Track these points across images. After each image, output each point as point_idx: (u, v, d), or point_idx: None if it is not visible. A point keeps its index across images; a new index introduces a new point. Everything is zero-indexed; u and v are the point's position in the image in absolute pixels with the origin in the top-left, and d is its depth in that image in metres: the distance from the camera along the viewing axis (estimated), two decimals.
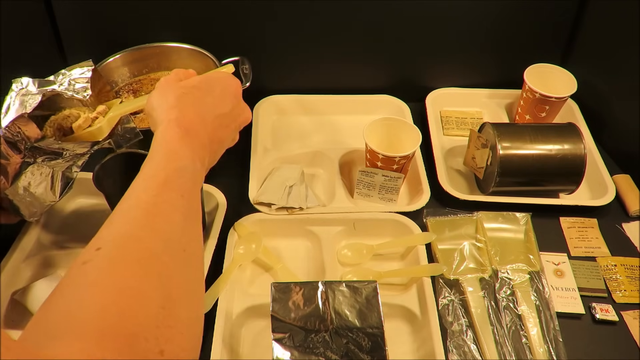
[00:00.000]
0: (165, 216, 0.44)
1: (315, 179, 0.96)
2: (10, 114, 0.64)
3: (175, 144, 0.51)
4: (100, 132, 0.68)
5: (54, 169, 0.69)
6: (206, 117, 0.56)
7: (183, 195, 0.47)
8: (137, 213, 0.44)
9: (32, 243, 0.82)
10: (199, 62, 0.96)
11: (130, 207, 0.45)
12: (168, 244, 0.42)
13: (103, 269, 0.38)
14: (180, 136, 0.51)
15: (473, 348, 0.72)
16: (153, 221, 0.43)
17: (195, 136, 0.53)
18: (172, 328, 0.37)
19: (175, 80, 0.59)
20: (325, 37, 1.04)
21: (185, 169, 0.49)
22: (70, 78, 0.71)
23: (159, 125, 0.53)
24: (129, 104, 0.70)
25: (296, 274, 0.81)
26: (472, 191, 0.94)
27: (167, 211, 0.45)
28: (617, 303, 0.78)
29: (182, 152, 0.50)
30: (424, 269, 0.79)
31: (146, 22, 1.01)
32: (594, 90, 1.03)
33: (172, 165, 0.49)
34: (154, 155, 0.50)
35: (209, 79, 0.60)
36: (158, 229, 0.43)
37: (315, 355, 0.61)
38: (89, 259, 0.39)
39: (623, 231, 0.88)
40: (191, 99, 0.56)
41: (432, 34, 1.04)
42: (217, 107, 0.57)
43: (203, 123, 0.55)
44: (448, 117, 1.07)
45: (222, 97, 0.58)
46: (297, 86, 1.08)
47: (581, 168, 0.87)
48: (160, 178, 0.47)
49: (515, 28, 1.05)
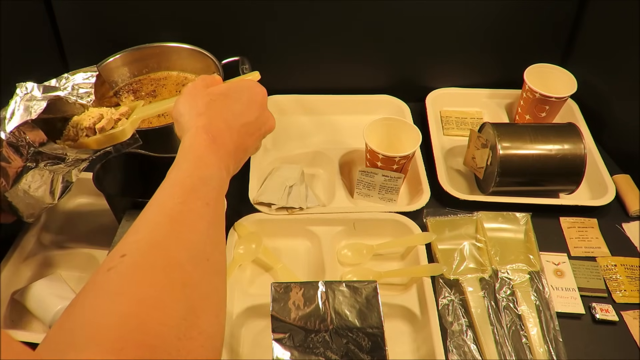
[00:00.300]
0: (190, 225, 0.44)
1: (315, 179, 0.96)
2: (15, 119, 0.64)
3: (202, 151, 0.51)
4: (122, 135, 0.68)
5: (54, 173, 0.70)
6: (233, 125, 0.56)
7: (208, 204, 0.47)
8: (162, 220, 0.44)
9: (32, 243, 0.82)
10: (199, 62, 0.96)
11: (155, 214, 0.45)
12: (192, 253, 0.42)
13: (127, 277, 0.38)
14: (207, 144, 0.52)
15: (473, 348, 0.72)
16: (178, 230, 0.43)
17: (222, 144, 0.53)
18: (194, 340, 0.37)
19: (203, 86, 0.59)
20: (325, 37, 1.04)
21: (211, 178, 0.49)
22: (73, 83, 0.71)
23: (186, 132, 0.54)
24: (152, 107, 0.70)
25: (296, 274, 0.81)
26: (472, 191, 0.94)
27: (192, 220, 0.45)
28: (617, 303, 0.78)
29: (209, 160, 0.51)
30: (424, 269, 0.79)
31: (146, 22, 1.01)
32: (594, 90, 1.03)
33: (198, 173, 0.49)
34: (181, 162, 0.50)
35: (236, 86, 0.60)
36: (183, 237, 0.43)
37: (315, 355, 0.61)
38: (113, 265, 0.39)
39: (623, 231, 0.88)
40: (219, 106, 0.56)
41: (432, 34, 1.04)
42: (244, 115, 0.57)
43: (230, 131, 0.55)
44: (448, 117, 1.07)
45: (249, 105, 0.59)
46: (297, 86, 1.08)
47: (581, 168, 0.87)
48: (187, 186, 0.47)
49: (515, 28, 1.05)
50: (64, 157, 0.68)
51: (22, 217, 0.72)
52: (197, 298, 0.39)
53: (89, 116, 0.69)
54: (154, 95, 0.95)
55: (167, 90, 0.96)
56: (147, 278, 0.38)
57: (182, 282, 0.39)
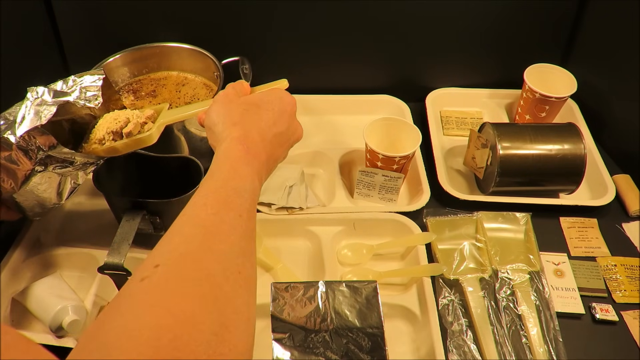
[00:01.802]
0: (223, 237, 0.44)
1: (315, 179, 0.96)
2: (25, 124, 0.65)
3: (237, 162, 0.51)
4: (150, 139, 0.68)
5: (62, 176, 0.70)
6: (266, 135, 0.56)
7: (241, 215, 0.47)
8: (195, 231, 0.44)
9: (32, 243, 0.82)
10: (199, 62, 0.96)
11: (188, 225, 0.45)
12: (224, 266, 0.42)
13: (160, 288, 0.38)
14: (242, 155, 0.52)
15: (473, 348, 0.72)
16: (211, 241, 0.43)
17: (256, 155, 0.54)
18: (224, 356, 0.36)
19: (235, 95, 0.60)
20: (325, 37, 1.04)
21: (244, 189, 0.49)
22: (81, 86, 0.72)
23: (221, 142, 0.54)
24: (178, 112, 0.69)
25: (296, 274, 0.81)
26: (472, 191, 0.94)
27: (225, 231, 0.45)
28: (617, 303, 0.78)
29: (243, 172, 0.51)
30: (424, 269, 0.79)
31: (146, 22, 1.01)
32: (594, 90, 1.03)
33: (232, 184, 0.49)
34: (215, 172, 0.51)
35: (268, 96, 0.61)
36: (215, 249, 0.43)
37: (315, 355, 0.61)
38: (147, 275, 0.39)
39: (623, 231, 0.88)
40: (253, 117, 0.57)
41: (432, 34, 1.04)
42: (276, 126, 0.58)
43: (263, 142, 0.56)
44: (448, 117, 1.07)
45: (280, 115, 0.59)
46: (297, 86, 1.07)
47: (581, 168, 0.87)
48: (221, 197, 0.48)
49: (515, 28, 1.05)
50: (72, 161, 0.68)
51: (28, 216, 0.73)
52: (228, 313, 0.39)
53: (116, 120, 0.69)
54: (154, 95, 0.95)
55: (167, 90, 0.96)
56: (179, 291, 0.38)
57: (214, 296, 0.39)
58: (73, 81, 0.72)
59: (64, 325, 0.69)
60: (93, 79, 0.73)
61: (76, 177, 0.72)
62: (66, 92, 0.71)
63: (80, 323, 0.71)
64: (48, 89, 0.70)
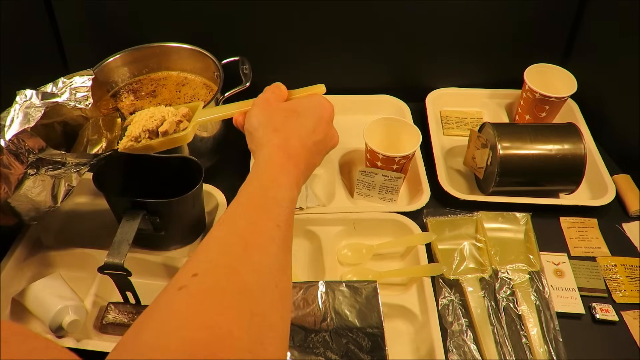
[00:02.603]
0: (261, 247, 0.44)
1: (315, 179, 0.96)
2: (14, 127, 0.65)
3: (277, 171, 0.51)
4: (185, 138, 0.67)
5: (56, 178, 0.70)
6: (306, 143, 0.56)
7: (279, 226, 0.46)
8: (233, 241, 0.43)
9: (32, 243, 0.82)
10: (199, 62, 0.96)
11: (227, 234, 0.45)
12: (262, 279, 0.41)
13: (197, 300, 0.38)
14: (283, 162, 0.52)
15: (473, 348, 0.72)
16: (249, 252, 0.43)
17: (296, 164, 0.54)
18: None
19: (275, 100, 0.60)
20: (325, 37, 1.04)
21: (283, 199, 0.49)
22: (71, 87, 0.72)
23: (262, 147, 0.54)
24: (213, 112, 0.69)
25: (296, 274, 0.81)
26: (472, 191, 0.94)
27: (263, 242, 0.44)
28: (617, 303, 0.78)
29: (283, 180, 0.51)
30: (424, 269, 0.79)
31: (146, 22, 1.01)
32: (594, 90, 1.03)
33: (272, 193, 0.49)
34: (255, 180, 0.51)
35: (308, 103, 0.60)
36: (253, 261, 0.42)
37: (315, 355, 0.61)
38: (184, 284, 0.39)
39: (623, 231, 0.88)
40: (294, 124, 0.57)
41: (432, 34, 1.04)
42: (315, 134, 0.58)
43: (303, 150, 0.56)
44: (448, 117, 1.07)
45: (319, 123, 0.59)
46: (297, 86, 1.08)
47: (581, 168, 0.87)
48: (260, 206, 0.47)
49: (515, 28, 1.05)
50: (64, 162, 0.68)
51: (24, 221, 0.72)
52: (264, 329, 0.38)
53: (152, 118, 0.68)
54: (154, 95, 0.95)
55: (167, 90, 0.96)
56: (217, 304, 0.38)
57: (250, 310, 0.38)
58: (63, 83, 0.72)
59: (64, 325, 0.69)
60: (83, 80, 0.72)
61: (70, 179, 0.72)
62: (56, 94, 0.71)
63: (80, 323, 0.70)
64: (37, 91, 0.70)
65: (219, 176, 0.91)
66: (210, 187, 0.88)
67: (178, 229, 0.81)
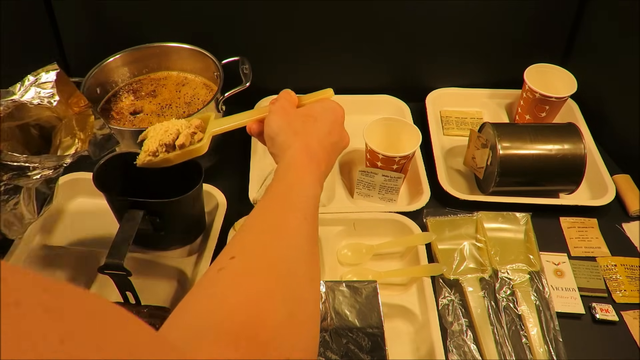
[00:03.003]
0: (290, 237, 0.48)
1: None
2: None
3: (301, 170, 0.56)
4: (201, 150, 0.67)
5: (26, 188, 0.66)
6: (325, 145, 0.60)
7: (306, 218, 0.51)
8: (265, 228, 0.49)
9: (32, 243, 0.82)
10: (199, 62, 0.96)
11: (260, 222, 0.50)
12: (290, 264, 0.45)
13: (235, 278, 0.42)
14: (306, 163, 0.57)
15: (473, 348, 0.72)
16: (279, 238, 0.47)
17: (317, 164, 0.58)
18: (297, 336, 0.39)
19: (292, 106, 0.64)
20: (325, 38, 1.04)
21: (308, 195, 0.54)
22: (35, 84, 0.68)
23: (285, 150, 0.58)
24: (226, 121, 0.69)
25: None
26: (472, 191, 0.94)
27: (292, 232, 0.48)
28: (617, 303, 0.78)
29: (307, 179, 0.55)
30: (424, 269, 0.79)
31: (146, 22, 1.01)
32: (594, 90, 1.03)
33: (297, 189, 0.53)
34: (282, 179, 0.55)
35: (322, 108, 0.64)
36: (283, 245, 0.47)
37: None
38: (223, 266, 0.43)
39: (623, 231, 0.88)
40: (311, 127, 0.61)
41: (432, 34, 1.04)
42: (331, 135, 0.62)
43: (323, 151, 0.60)
44: (448, 117, 1.07)
45: (334, 125, 0.63)
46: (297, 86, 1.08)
47: (581, 168, 0.87)
48: (287, 200, 0.52)
49: (515, 28, 1.05)
50: (27, 167, 0.63)
51: (6, 235, 0.69)
52: (295, 305, 0.42)
53: (167, 132, 0.68)
54: (154, 95, 0.95)
55: (167, 90, 0.96)
56: (255, 274, 0.42)
57: (282, 288, 0.42)
58: (28, 80, 0.68)
59: None
60: (47, 76, 0.68)
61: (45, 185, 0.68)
62: (13, 92, 0.67)
63: None
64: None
65: (219, 176, 0.91)
66: (210, 187, 0.88)
67: (178, 229, 0.81)
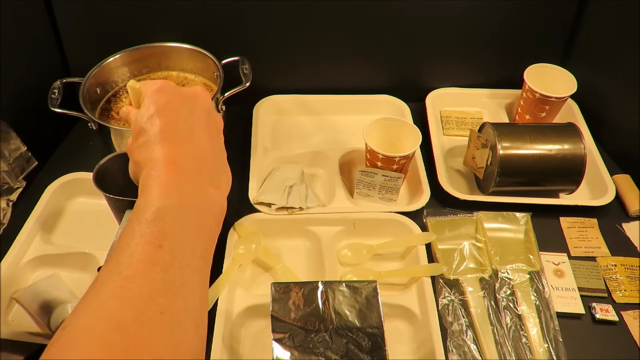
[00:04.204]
0: (140, 278, 0.38)
1: (315, 179, 0.96)
2: None
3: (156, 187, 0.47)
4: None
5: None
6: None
7: (162, 245, 0.40)
8: (111, 278, 0.38)
9: (32, 243, 0.82)
10: (199, 62, 0.96)
11: (107, 272, 0.39)
12: (139, 311, 0.36)
13: (77, 338, 0.35)
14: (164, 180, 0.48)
15: (473, 348, 0.72)
16: (125, 287, 0.37)
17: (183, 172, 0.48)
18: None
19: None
20: (325, 37, 1.04)
21: (165, 213, 0.43)
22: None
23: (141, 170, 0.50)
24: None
25: (296, 274, 0.81)
26: (472, 191, 0.94)
27: (142, 272, 0.38)
28: (617, 303, 0.78)
29: (165, 191, 0.46)
30: (424, 269, 0.79)
31: (146, 22, 1.01)
32: (594, 90, 1.03)
33: (146, 213, 0.43)
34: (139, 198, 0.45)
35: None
36: (128, 294, 0.37)
37: (315, 355, 0.61)
38: (67, 324, 0.36)
39: (623, 231, 0.88)
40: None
41: (432, 34, 1.04)
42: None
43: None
44: (448, 117, 1.07)
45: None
46: (297, 86, 1.08)
47: (581, 168, 0.87)
48: (136, 230, 0.41)
49: (515, 28, 1.05)
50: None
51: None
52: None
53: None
54: None
55: None
56: (92, 341, 0.34)
57: (124, 346, 0.34)
58: None
59: None
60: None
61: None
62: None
63: None
64: None
65: None
66: None
67: None
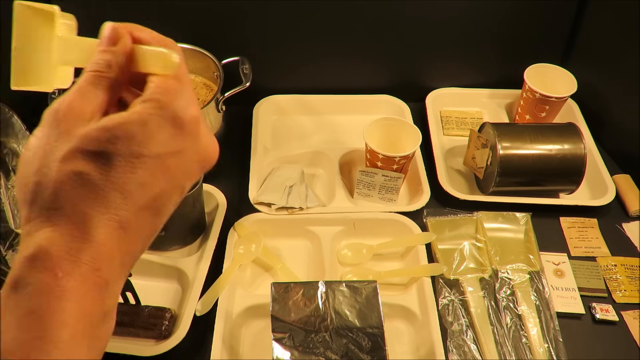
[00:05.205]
0: None
1: (315, 179, 0.96)
2: None
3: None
4: None
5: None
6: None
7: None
8: None
9: None
10: (199, 62, 0.96)
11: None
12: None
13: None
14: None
15: (473, 348, 0.72)
16: None
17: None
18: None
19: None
20: (325, 37, 1.04)
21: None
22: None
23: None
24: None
25: (296, 274, 0.81)
26: (472, 191, 0.94)
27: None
28: (617, 303, 0.78)
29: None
30: (424, 269, 0.79)
31: (146, 22, 1.01)
32: (594, 90, 1.03)
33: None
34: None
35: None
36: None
37: (315, 355, 0.61)
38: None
39: (623, 231, 0.88)
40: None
41: (432, 34, 1.04)
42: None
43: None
44: (448, 117, 1.07)
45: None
46: (297, 86, 1.08)
47: (581, 168, 0.87)
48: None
49: (515, 28, 1.05)
50: None
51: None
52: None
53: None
54: None
55: None
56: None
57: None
58: None
59: None
60: None
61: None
62: None
63: None
64: None
65: (219, 176, 0.91)
66: (210, 187, 0.88)
67: (178, 229, 0.81)
